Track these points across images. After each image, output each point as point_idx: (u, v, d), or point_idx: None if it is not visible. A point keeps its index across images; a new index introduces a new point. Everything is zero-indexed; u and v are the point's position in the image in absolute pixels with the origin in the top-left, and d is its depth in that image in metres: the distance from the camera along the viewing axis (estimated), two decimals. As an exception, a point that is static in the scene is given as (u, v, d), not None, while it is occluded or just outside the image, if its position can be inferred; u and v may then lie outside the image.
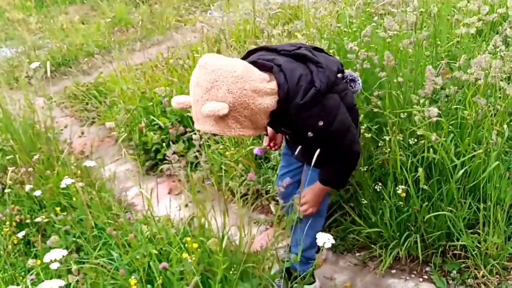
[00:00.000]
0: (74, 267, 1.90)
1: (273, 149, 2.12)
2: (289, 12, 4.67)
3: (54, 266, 1.75)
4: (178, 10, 7.05)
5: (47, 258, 1.74)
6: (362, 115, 2.40)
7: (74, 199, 2.60)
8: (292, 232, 1.98)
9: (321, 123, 1.59)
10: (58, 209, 2.56)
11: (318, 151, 1.65)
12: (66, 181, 2.30)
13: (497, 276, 2.14)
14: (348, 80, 1.83)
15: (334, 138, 1.69)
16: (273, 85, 1.56)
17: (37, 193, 2.64)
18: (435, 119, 1.84)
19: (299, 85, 1.56)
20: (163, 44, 5.63)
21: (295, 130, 1.72)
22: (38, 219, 2.51)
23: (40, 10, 8.51)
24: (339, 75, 1.71)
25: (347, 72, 1.86)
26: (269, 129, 2.01)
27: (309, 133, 1.62)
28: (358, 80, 1.86)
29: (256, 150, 2.31)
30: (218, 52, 3.98)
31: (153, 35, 6.24)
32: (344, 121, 1.68)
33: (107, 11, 7.37)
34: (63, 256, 1.76)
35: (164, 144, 3.40)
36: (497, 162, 1.97)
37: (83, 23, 7.28)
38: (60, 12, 8.09)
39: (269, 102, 1.55)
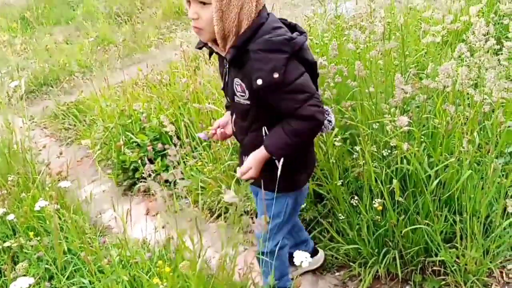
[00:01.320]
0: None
1: (216, 137, 1.93)
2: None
3: (21, 296, 1.67)
4: (160, 29, 7.07)
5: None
6: (336, 128, 2.38)
7: (48, 222, 2.54)
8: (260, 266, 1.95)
9: (276, 75, 1.48)
10: (31, 233, 2.50)
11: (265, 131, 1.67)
12: (40, 204, 2.25)
13: (478, 293, 2.09)
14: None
15: (289, 99, 1.55)
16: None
17: (10, 217, 2.57)
18: (406, 128, 1.81)
19: (274, 28, 1.54)
20: (144, 62, 5.61)
21: (247, 80, 1.57)
22: (6, 244, 2.43)
23: (25, 32, 8.52)
24: None
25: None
26: (223, 119, 1.93)
27: (259, 80, 1.49)
28: (332, 115, 1.80)
29: (200, 134, 2.14)
30: (197, 68, 3.96)
31: (135, 53, 6.24)
32: (305, 87, 1.57)
33: (90, 31, 7.38)
34: (29, 285, 1.69)
35: (142, 162, 3.35)
36: (470, 171, 1.93)
37: (67, 43, 7.28)
38: (45, 33, 8.10)
39: (252, 10, 1.52)
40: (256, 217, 2.62)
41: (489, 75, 1.68)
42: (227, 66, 1.66)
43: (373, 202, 2.17)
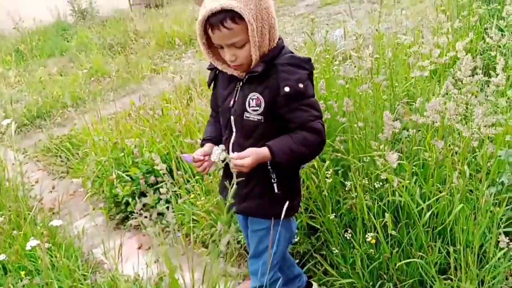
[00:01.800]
0: None
1: (203, 168, 1.83)
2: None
3: None
4: (153, 59, 7.13)
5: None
6: (327, 161, 2.38)
7: (40, 261, 2.51)
8: None
9: (301, 85, 1.63)
10: (23, 273, 2.47)
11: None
12: (31, 243, 2.23)
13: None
14: None
15: (306, 111, 1.66)
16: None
17: (1, 257, 2.54)
18: (395, 165, 1.81)
19: (291, 51, 1.73)
20: (137, 93, 5.64)
21: (268, 90, 1.67)
22: (-4, 286, 2.40)
23: (19, 64, 8.59)
24: None
25: None
26: (205, 149, 1.87)
27: (286, 87, 1.62)
28: None
29: (185, 155, 1.91)
30: (190, 99, 3.99)
31: (128, 84, 6.27)
32: (318, 106, 1.71)
33: (84, 62, 7.43)
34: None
35: (135, 196, 3.34)
36: (461, 205, 1.93)
37: (61, 75, 7.33)
38: (39, 65, 8.16)
39: (276, 34, 1.68)
40: (246, 251, 2.61)
41: (477, 110, 1.70)
42: (240, 84, 1.74)
43: (366, 236, 2.16)
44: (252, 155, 1.62)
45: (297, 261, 2.48)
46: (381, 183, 2.20)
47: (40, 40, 9.84)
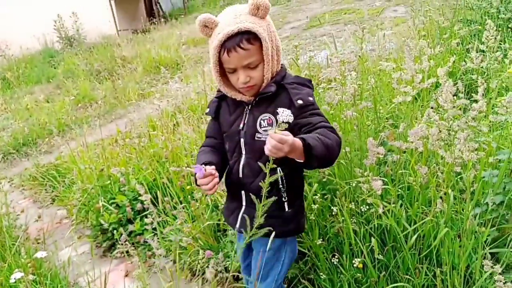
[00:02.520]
0: None
1: (205, 183, 1.67)
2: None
3: None
4: (140, 84, 7.14)
5: None
6: (315, 184, 2.38)
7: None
8: None
9: (311, 98, 1.70)
10: (7, 305, 2.43)
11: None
12: (16, 275, 2.20)
13: None
14: None
15: (320, 115, 1.69)
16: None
17: (-15, 289, 2.50)
18: (379, 192, 1.82)
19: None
20: (124, 118, 5.65)
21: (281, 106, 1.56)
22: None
23: (6, 92, 8.56)
24: None
25: None
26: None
27: (299, 100, 1.67)
28: None
29: (197, 167, 1.70)
30: (177, 125, 3.99)
31: (115, 110, 6.27)
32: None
33: (71, 89, 7.43)
34: None
35: (122, 223, 3.31)
36: (446, 229, 1.94)
37: (47, 102, 7.31)
38: (26, 92, 8.14)
39: (280, 56, 1.76)
40: (239, 276, 2.59)
41: (459, 135, 1.72)
42: (249, 107, 1.79)
43: (353, 262, 2.16)
44: (290, 143, 1.41)
45: (286, 286, 2.47)
46: (367, 207, 2.21)
47: (26, 67, 9.85)
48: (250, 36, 1.62)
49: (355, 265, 2.14)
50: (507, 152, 2.12)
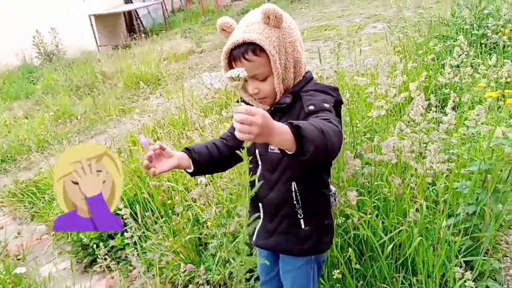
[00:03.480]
0: None
1: (148, 157, 1.58)
2: (224, 98, 4.78)
3: None
4: (121, 100, 7.13)
5: None
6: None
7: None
8: None
9: (326, 105, 1.53)
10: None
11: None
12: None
13: None
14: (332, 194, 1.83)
15: (331, 121, 1.44)
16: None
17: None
18: (354, 202, 1.88)
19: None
20: (105, 134, 5.64)
21: (292, 119, 1.56)
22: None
23: (-17, 108, 8.46)
24: None
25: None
26: (176, 152, 1.70)
27: (311, 106, 1.53)
28: (336, 194, 1.86)
29: (142, 136, 1.69)
30: (159, 139, 4.01)
31: (96, 125, 6.26)
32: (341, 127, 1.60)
33: (50, 105, 7.38)
34: None
35: (103, 239, 3.31)
36: (420, 238, 2.00)
37: (26, 118, 7.25)
38: (4, 108, 8.06)
39: (303, 68, 1.66)
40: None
41: (430, 147, 1.79)
42: None
43: (333, 273, 2.20)
44: (263, 117, 1.18)
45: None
46: (344, 218, 2.27)
47: (5, 83, 9.76)
48: (256, 47, 1.55)
49: (334, 276, 2.18)
50: (478, 164, 2.20)
